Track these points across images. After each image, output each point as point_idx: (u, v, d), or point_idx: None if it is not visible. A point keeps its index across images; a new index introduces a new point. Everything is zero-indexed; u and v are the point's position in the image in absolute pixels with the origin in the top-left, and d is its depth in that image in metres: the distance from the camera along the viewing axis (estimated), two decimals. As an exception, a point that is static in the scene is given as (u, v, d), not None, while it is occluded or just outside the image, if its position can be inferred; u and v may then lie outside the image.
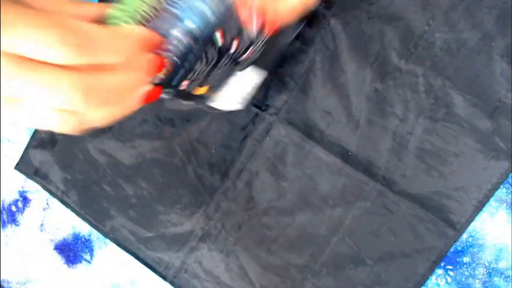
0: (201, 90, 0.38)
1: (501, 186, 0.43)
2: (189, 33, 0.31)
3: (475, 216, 0.44)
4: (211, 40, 0.34)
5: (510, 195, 0.44)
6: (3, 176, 0.55)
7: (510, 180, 0.44)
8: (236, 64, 0.39)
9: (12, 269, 0.56)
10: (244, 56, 0.38)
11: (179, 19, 0.31)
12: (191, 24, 0.31)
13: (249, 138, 0.47)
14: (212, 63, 0.36)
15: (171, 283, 0.50)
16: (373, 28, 0.44)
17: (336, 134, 0.45)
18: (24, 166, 0.53)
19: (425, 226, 0.44)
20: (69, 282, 0.54)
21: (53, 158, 0.52)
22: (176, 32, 0.30)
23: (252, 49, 0.38)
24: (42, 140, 0.52)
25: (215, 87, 0.40)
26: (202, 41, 0.32)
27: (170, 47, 0.30)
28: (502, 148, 0.43)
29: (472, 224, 0.44)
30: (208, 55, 0.36)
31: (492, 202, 0.44)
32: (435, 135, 0.44)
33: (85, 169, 0.51)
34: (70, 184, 0.52)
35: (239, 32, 0.36)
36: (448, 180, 0.44)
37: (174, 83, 0.34)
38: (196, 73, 0.36)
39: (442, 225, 0.44)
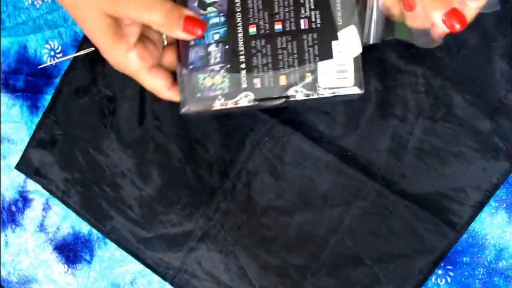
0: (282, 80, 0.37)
1: (501, 186, 0.43)
2: None
3: (475, 217, 0.44)
4: None
5: (510, 196, 0.44)
6: (3, 176, 0.55)
7: (510, 181, 0.44)
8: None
9: (12, 269, 0.56)
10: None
11: None
12: None
13: (248, 138, 0.47)
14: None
15: (171, 283, 0.50)
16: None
17: (335, 134, 0.45)
18: (24, 166, 0.53)
19: (425, 226, 0.44)
20: (69, 282, 0.54)
21: (53, 158, 0.52)
22: None
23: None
24: (42, 140, 0.52)
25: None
26: None
27: None
28: (502, 148, 0.43)
29: (472, 224, 0.44)
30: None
31: (492, 202, 0.44)
32: (434, 135, 0.44)
33: (85, 169, 0.51)
34: (70, 184, 0.52)
35: None
36: (448, 181, 0.44)
37: None
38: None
39: (442, 226, 0.44)
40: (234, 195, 0.48)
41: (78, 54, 0.49)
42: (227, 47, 0.37)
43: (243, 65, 0.37)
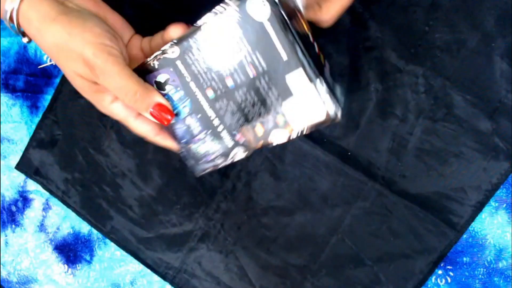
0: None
1: (501, 186, 0.43)
2: None
3: (475, 217, 0.44)
4: None
5: (510, 196, 0.44)
6: (3, 176, 0.55)
7: (510, 181, 0.44)
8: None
9: (12, 269, 0.56)
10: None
11: None
12: None
13: (249, 139, 0.47)
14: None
15: (171, 283, 0.50)
16: (373, 28, 0.44)
17: (335, 134, 0.45)
18: (24, 166, 0.53)
19: (425, 226, 0.44)
20: (69, 282, 0.54)
21: (53, 158, 0.52)
22: None
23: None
24: (42, 140, 0.52)
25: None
26: None
27: None
28: (502, 148, 0.43)
29: (472, 224, 0.44)
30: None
31: (492, 202, 0.44)
32: (434, 136, 0.44)
33: (85, 169, 0.51)
34: (70, 184, 0.52)
35: None
36: (448, 181, 0.44)
37: None
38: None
39: (442, 226, 0.44)
40: (234, 195, 0.48)
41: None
42: (199, 115, 0.37)
43: (220, 128, 0.37)
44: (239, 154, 0.38)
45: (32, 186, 0.54)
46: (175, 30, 0.36)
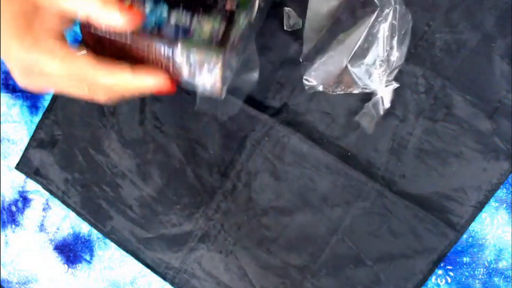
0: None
1: (501, 186, 0.43)
2: None
3: (475, 217, 0.44)
4: None
5: (510, 196, 0.44)
6: (3, 176, 0.55)
7: (510, 181, 0.44)
8: None
9: (12, 269, 0.56)
10: None
11: None
12: None
13: (248, 139, 0.47)
14: None
15: (171, 283, 0.50)
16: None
17: (335, 134, 0.45)
18: (24, 166, 0.53)
19: (425, 226, 0.44)
20: (69, 282, 0.54)
21: (53, 158, 0.52)
22: None
23: None
24: (42, 140, 0.52)
25: None
26: None
27: None
28: (502, 148, 0.43)
29: (472, 224, 0.44)
30: None
31: (492, 202, 0.44)
32: (434, 136, 0.44)
33: (85, 169, 0.51)
34: (70, 184, 0.52)
35: None
36: (448, 181, 0.44)
37: None
38: None
39: (442, 226, 0.44)
40: (234, 195, 0.48)
41: None
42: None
43: None
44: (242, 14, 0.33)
45: (32, 186, 0.54)
46: None
